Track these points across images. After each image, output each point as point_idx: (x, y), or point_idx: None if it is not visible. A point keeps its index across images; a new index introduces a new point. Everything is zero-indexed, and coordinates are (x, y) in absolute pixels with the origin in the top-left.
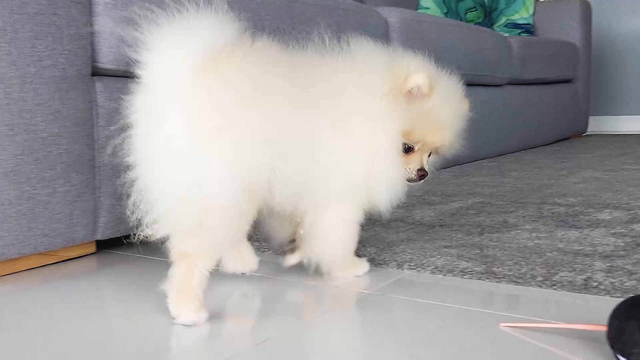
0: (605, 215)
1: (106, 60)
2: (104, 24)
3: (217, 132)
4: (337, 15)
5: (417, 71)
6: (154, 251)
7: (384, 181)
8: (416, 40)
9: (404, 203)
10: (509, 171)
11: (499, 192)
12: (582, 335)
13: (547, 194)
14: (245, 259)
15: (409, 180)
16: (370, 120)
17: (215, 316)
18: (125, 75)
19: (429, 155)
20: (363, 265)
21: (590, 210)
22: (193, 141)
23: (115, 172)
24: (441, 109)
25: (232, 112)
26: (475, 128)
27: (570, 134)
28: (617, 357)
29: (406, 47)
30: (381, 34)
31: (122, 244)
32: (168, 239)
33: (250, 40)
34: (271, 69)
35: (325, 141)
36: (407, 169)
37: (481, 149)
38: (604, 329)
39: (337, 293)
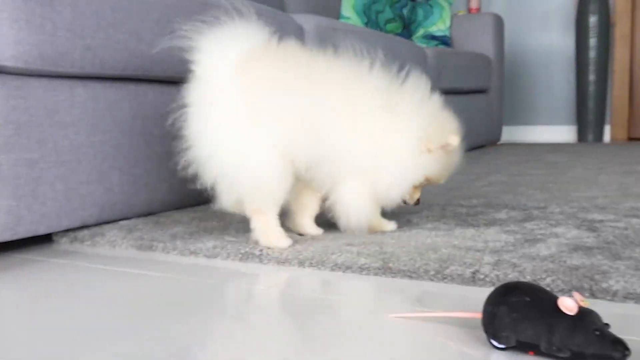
0: (502, 214)
1: (3, 58)
2: (2, 21)
3: (259, 116)
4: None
5: (454, 132)
6: (53, 254)
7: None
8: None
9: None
10: None
11: None
12: (462, 323)
13: (453, 196)
14: None
15: (406, 203)
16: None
17: (117, 318)
18: (24, 74)
19: None
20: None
21: (490, 210)
22: (241, 123)
23: (15, 174)
24: (458, 159)
25: (270, 100)
26: None
27: (485, 142)
28: (490, 341)
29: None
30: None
31: (21, 247)
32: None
33: (276, 43)
34: (292, 66)
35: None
36: (411, 197)
37: None
38: (479, 316)
39: (237, 290)
